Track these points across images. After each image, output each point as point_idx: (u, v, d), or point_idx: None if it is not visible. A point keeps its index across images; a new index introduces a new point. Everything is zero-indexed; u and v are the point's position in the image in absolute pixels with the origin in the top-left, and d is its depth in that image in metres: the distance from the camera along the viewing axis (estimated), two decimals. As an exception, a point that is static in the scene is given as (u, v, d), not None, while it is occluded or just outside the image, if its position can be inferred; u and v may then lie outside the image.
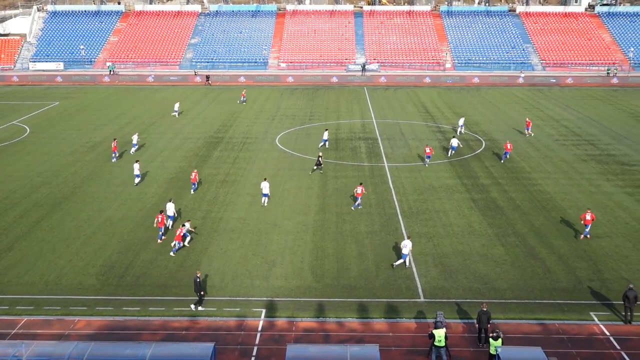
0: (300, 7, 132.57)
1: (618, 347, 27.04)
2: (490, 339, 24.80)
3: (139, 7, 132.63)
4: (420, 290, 32.02)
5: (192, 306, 30.03)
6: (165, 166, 53.73)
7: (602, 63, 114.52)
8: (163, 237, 38.02)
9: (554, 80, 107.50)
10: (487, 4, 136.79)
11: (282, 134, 66.30)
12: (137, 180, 48.81)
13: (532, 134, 65.84)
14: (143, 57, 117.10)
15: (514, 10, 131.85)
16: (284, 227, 39.96)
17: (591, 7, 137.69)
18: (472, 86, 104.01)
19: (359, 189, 43.20)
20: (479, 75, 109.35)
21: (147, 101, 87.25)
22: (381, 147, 60.54)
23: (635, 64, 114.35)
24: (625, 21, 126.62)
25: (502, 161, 55.39)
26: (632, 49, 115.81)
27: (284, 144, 61.74)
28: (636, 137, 64.97)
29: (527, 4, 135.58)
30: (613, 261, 35.26)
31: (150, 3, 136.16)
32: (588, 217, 38.24)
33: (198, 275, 30.04)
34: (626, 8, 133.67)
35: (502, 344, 24.90)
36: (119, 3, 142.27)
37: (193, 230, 37.96)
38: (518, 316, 29.55)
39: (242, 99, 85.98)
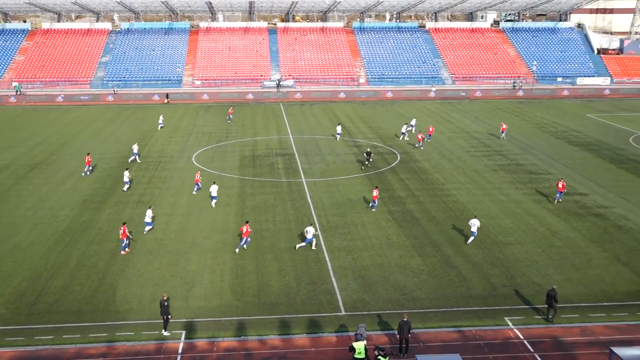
0: (214, 24, 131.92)
1: (532, 350, 27.98)
2: (380, 357, 25.19)
3: (46, 25, 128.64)
4: (341, 303, 32.19)
5: (164, 331, 29.23)
6: (77, 188, 52.11)
7: (508, 76, 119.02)
8: (127, 249, 38.34)
9: (464, 94, 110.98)
10: (397, 20, 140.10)
11: (198, 152, 65.59)
12: (126, 186, 51.33)
13: (505, 138, 71.43)
14: (52, 77, 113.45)
15: (424, 26, 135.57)
16: (202, 246, 39.45)
17: (496, 22, 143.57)
18: (385, 100, 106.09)
19: (375, 192, 46.28)
20: (392, 89, 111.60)
21: (57, 122, 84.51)
22: (298, 163, 60.80)
23: (538, 77, 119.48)
24: (528, 36, 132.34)
25: (428, 140, 68.72)
26: (535, 63, 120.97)
27: (200, 162, 61.08)
28: (542, 147, 67.82)
29: (436, 20, 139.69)
30: (524, 267, 36.55)
31: (59, 21, 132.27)
32: (560, 185, 47.91)
33: (165, 297, 29.27)
34: (528, 24, 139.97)
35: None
36: (24, 21, 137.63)
37: (316, 233, 39.86)
38: (437, 324, 30.14)
39: (229, 117, 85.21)
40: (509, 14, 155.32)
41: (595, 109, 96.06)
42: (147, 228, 41.75)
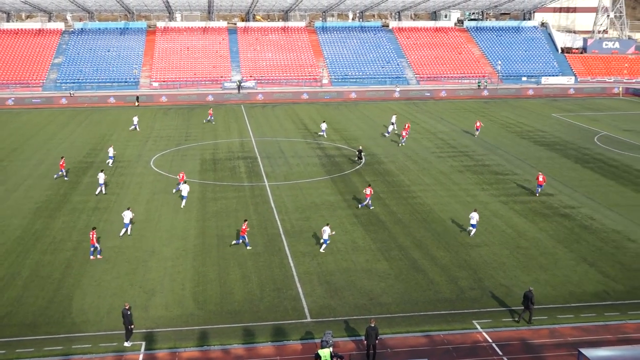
0: (172, 24, 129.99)
1: (500, 353, 27.62)
2: None
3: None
4: (306, 310, 31.40)
5: (126, 342, 28.22)
6: (29, 195, 50.21)
7: (472, 76, 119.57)
8: (99, 256, 37.38)
9: (429, 94, 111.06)
10: (360, 20, 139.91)
11: (157, 156, 64.01)
12: (99, 188, 50.47)
13: (476, 136, 73.19)
14: (1, 79, 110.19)
15: (387, 26, 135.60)
16: (162, 254, 38.20)
17: (460, 22, 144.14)
18: (349, 101, 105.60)
19: (368, 190, 46.08)
20: (356, 90, 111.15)
21: (8, 126, 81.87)
22: (261, 166, 59.72)
23: (503, 76, 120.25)
24: (492, 35, 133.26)
25: (399, 144, 68.32)
26: (500, 62, 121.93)
27: (159, 167, 59.58)
28: (507, 147, 67.88)
29: (400, 19, 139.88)
30: (492, 269, 36.14)
31: (8, 21, 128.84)
32: (540, 178, 49.64)
33: (127, 307, 28.20)
34: (492, 23, 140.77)
35: None
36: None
37: (333, 233, 39.19)
38: (404, 329, 29.57)
39: (209, 117, 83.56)
40: (473, 13, 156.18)
41: (560, 108, 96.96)
42: (124, 230, 41.19)
